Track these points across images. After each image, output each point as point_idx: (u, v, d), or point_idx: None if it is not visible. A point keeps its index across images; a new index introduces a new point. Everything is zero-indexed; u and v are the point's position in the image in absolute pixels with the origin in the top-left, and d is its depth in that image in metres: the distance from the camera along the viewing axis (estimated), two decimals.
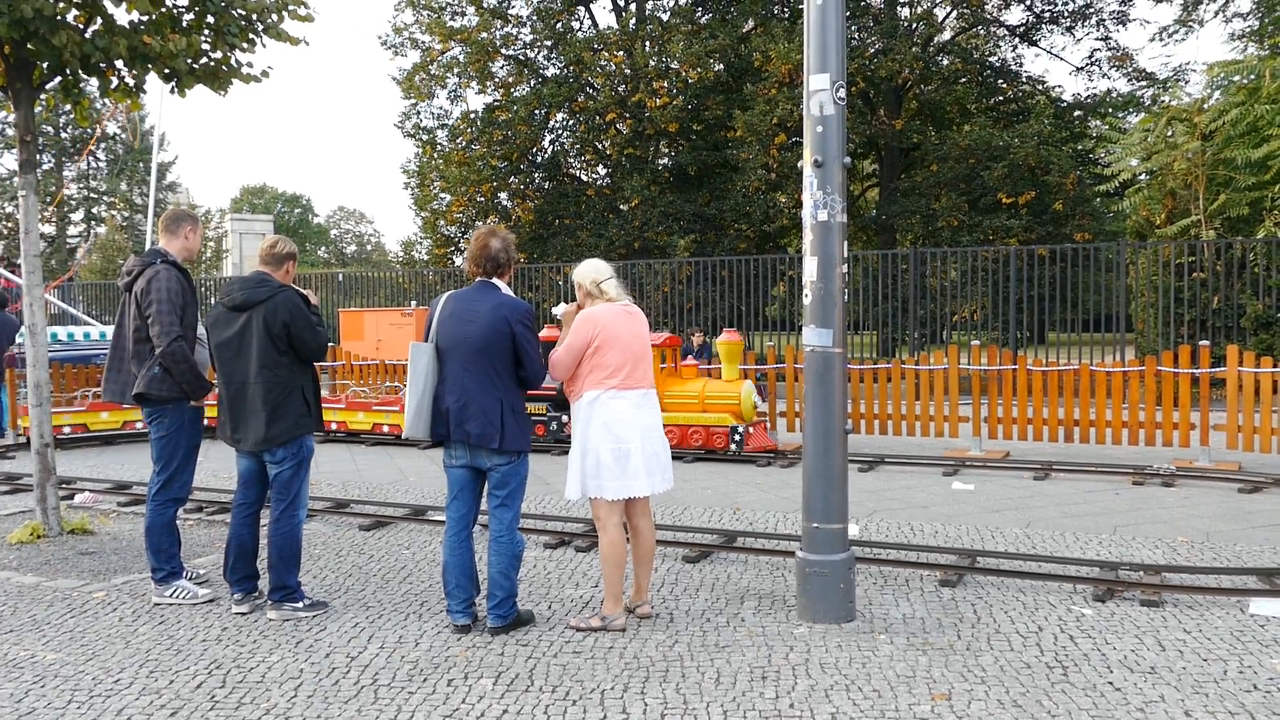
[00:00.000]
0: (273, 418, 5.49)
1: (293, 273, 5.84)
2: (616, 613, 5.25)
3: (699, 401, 11.50)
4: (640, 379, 5.25)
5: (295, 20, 7.96)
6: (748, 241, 28.39)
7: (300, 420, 5.57)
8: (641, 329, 5.34)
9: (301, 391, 5.59)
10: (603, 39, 29.98)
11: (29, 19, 6.73)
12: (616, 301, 5.35)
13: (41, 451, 7.56)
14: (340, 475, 10.64)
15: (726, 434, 11.28)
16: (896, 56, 26.63)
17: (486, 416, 5.07)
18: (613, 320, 5.25)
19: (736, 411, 11.36)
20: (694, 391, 11.57)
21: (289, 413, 5.51)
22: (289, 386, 5.53)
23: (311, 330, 5.58)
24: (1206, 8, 27.46)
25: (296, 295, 5.63)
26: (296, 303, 5.58)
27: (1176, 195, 18.89)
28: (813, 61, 5.31)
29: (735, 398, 11.39)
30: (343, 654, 4.98)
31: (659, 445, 5.31)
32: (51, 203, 45.34)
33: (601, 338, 5.19)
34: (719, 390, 11.54)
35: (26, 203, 7.60)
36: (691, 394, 11.56)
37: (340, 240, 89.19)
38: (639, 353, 5.27)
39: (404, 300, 25.26)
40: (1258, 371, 10.27)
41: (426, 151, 32.79)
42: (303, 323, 5.54)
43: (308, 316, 5.59)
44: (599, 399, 5.18)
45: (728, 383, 11.61)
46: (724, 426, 11.31)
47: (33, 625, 5.52)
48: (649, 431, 5.25)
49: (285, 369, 5.52)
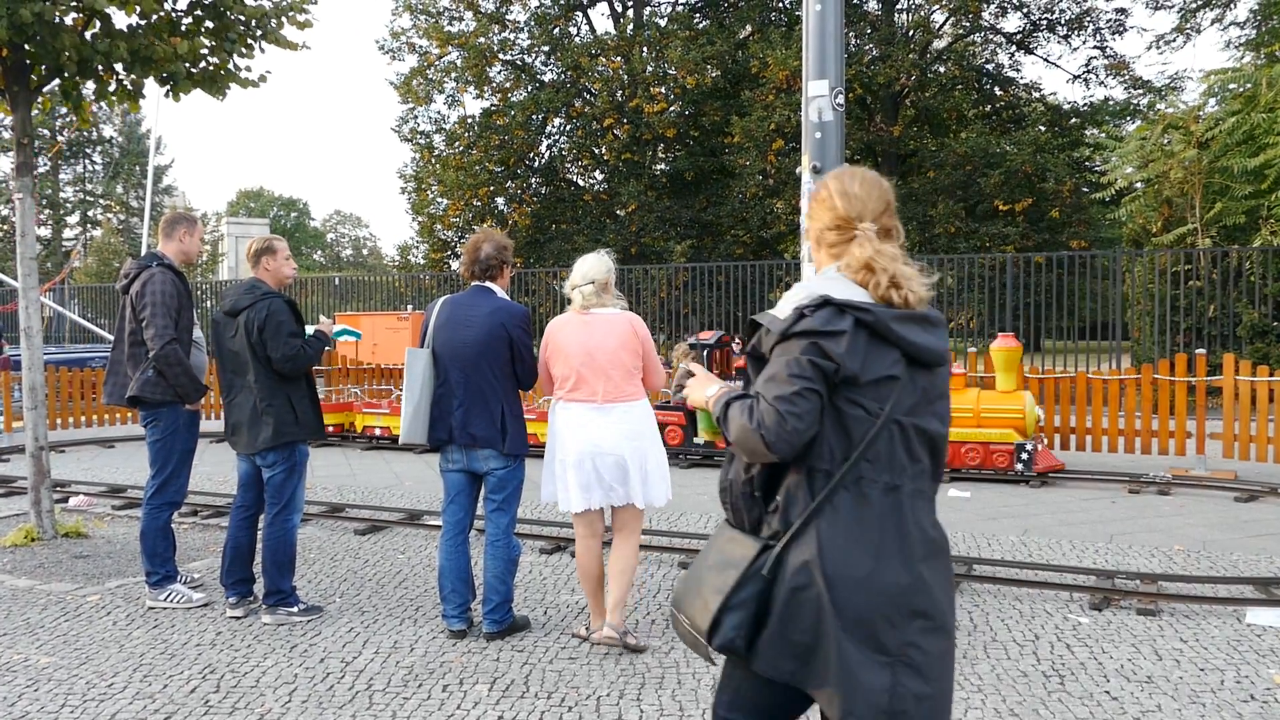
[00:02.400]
0: (259, 423, 5.48)
1: (273, 267, 5.68)
2: (594, 625, 5.18)
3: (973, 415, 10.14)
4: (589, 391, 4.94)
5: (295, 26, 7.95)
6: (744, 247, 28.42)
7: (284, 427, 5.49)
8: (601, 339, 4.96)
9: (289, 398, 5.52)
10: (600, 44, 30.04)
11: (28, 23, 6.72)
12: (585, 308, 5.04)
13: (36, 454, 7.54)
14: (335, 479, 10.62)
15: (1010, 452, 9.95)
16: (894, 63, 26.71)
17: (489, 419, 5.06)
18: (560, 330, 5.05)
19: (1020, 426, 10.06)
20: (966, 404, 10.19)
21: (274, 419, 5.46)
22: (275, 392, 5.48)
23: (280, 341, 5.42)
24: (1203, 16, 27.52)
25: (279, 303, 5.52)
26: (274, 310, 5.46)
27: (1173, 203, 18.92)
28: (811, 68, 5.32)
29: (1018, 411, 10.08)
30: (337, 659, 4.96)
31: (611, 461, 4.92)
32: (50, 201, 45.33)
33: (550, 348, 5.07)
34: (997, 402, 10.20)
35: (22, 205, 7.59)
36: (963, 407, 10.17)
37: (337, 244, 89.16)
38: (587, 363, 4.94)
39: (400, 304, 25.24)
40: (1254, 380, 10.28)
41: (423, 156, 32.82)
42: (272, 332, 5.42)
43: (282, 327, 5.44)
44: (551, 408, 5.13)
45: (1005, 394, 10.29)
46: (1006, 444, 9.98)
47: (26, 629, 5.50)
48: (596, 445, 4.91)
49: (271, 375, 5.48)
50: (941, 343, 2.34)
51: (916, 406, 2.31)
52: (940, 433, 2.33)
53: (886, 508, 2.25)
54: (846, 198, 2.45)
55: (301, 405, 5.58)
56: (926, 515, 2.32)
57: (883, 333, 2.27)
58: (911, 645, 2.22)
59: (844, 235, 2.44)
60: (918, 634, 2.23)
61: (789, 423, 2.20)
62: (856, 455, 2.23)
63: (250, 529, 5.73)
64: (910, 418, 2.29)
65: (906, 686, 2.20)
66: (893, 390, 2.26)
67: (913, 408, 2.30)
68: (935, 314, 2.37)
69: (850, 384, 2.24)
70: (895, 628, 2.21)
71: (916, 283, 2.34)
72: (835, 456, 2.26)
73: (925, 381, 2.33)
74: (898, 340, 2.27)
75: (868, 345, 2.26)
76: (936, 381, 2.36)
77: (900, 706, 2.20)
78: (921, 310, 2.33)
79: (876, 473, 2.26)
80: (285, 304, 5.56)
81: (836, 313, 2.26)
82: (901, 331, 2.27)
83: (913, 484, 2.29)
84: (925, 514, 2.32)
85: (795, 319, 2.28)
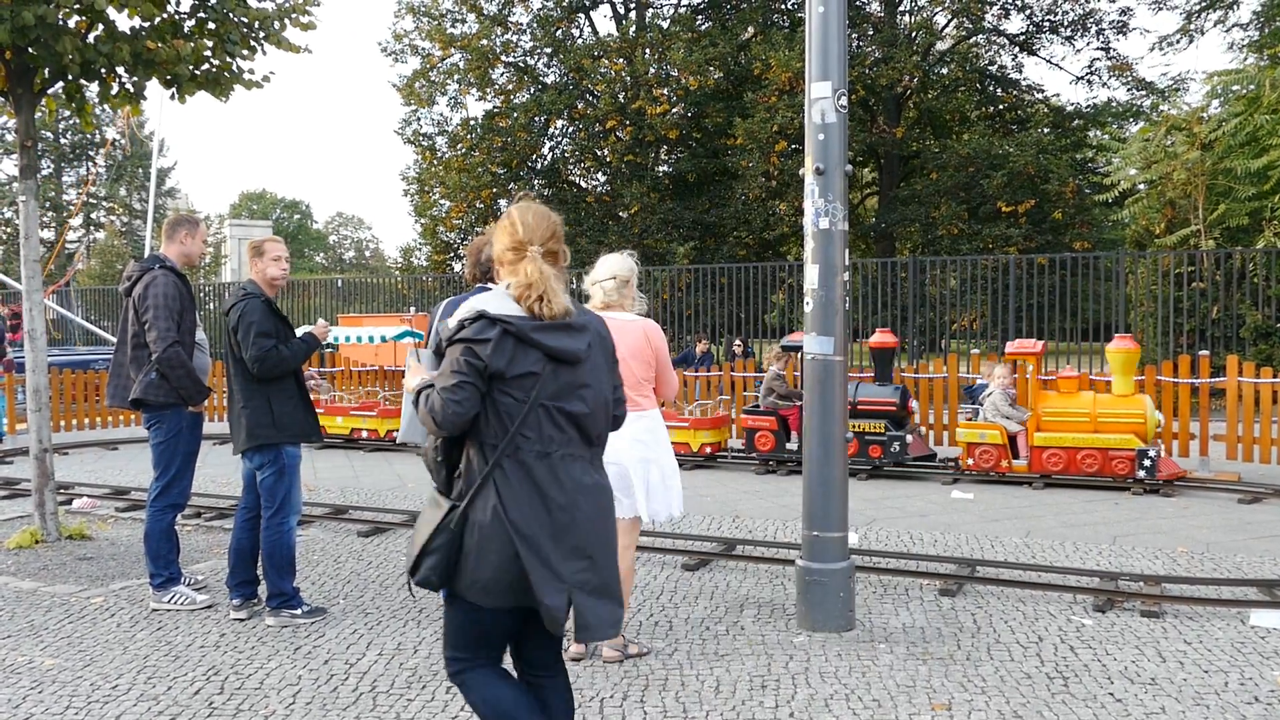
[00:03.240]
0: (238, 424, 5.52)
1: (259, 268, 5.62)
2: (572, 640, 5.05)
3: (1090, 420, 9.80)
4: None
5: (298, 28, 7.95)
6: (747, 249, 28.39)
7: (259, 429, 5.47)
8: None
9: (268, 399, 5.49)
10: (603, 46, 30.02)
11: (31, 26, 6.73)
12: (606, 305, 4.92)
13: (40, 456, 7.55)
14: (339, 481, 10.62)
15: (1132, 459, 9.54)
16: (896, 65, 26.66)
17: None
18: None
19: (1141, 431, 9.68)
20: (1081, 408, 9.89)
21: (248, 420, 5.47)
22: (253, 393, 5.48)
23: (249, 342, 5.38)
24: (1206, 18, 27.47)
25: (253, 304, 5.47)
26: (246, 311, 5.44)
27: (1176, 205, 18.89)
28: (814, 69, 5.31)
29: (1139, 415, 9.71)
30: (341, 661, 4.97)
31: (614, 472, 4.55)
32: (72, 213, 45.44)
33: None
34: (1115, 406, 9.84)
35: (26, 208, 7.60)
36: (1079, 411, 9.88)
37: (339, 246, 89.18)
38: None
39: (403, 306, 25.24)
40: (1257, 381, 10.27)
41: (426, 158, 32.78)
42: (243, 333, 5.41)
43: (252, 328, 5.40)
44: None
45: (1123, 397, 9.92)
46: (1127, 450, 9.57)
47: (30, 631, 5.51)
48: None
49: (246, 375, 5.48)
50: (579, 344, 3.03)
51: (559, 393, 3.00)
52: (582, 411, 3.03)
53: (542, 469, 2.96)
54: (523, 225, 3.12)
55: (283, 408, 5.53)
56: (580, 471, 3.04)
57: (525, 339, 2.95)
58: (579, 570, 2.97)
59: (519, 255, 3.09)
60: (580, 558, 2.98)
61: (450, 408, 2.90)
62: (513, 432, 2.94)
63: (253, 531, 5.73)
64: (554, 401, 2.99)
65: (582, 602, 2.96)
66: (535, 382, 2.96)
67: (556, 394, 2.99)
68: (579, 321, 3.06)
69: (499, 378, 2.94)
70: (565, 559, 2.94)
71: (559, 299, 3.01)
72: (497, 433, 2.95)
73: (568, 375, 3.02)
74: (538, 344, 2.96)
75: (514, 349, 2.95)
76: (579, 374, 3.04)
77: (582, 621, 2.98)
78: (563, 320, 3.01)
79: (530, 444, 2.95)
80: (261, 304, 5.51)
81: (488, 324, 2.95)
82: (539, 338, 2.96)
83: (562, 450, 3.00)
84: (579, 470, 3.03)
85: (458, 329, 2.99)
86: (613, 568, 3.07)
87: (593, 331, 3.11)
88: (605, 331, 3.20)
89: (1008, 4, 31.06)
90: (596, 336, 3.12)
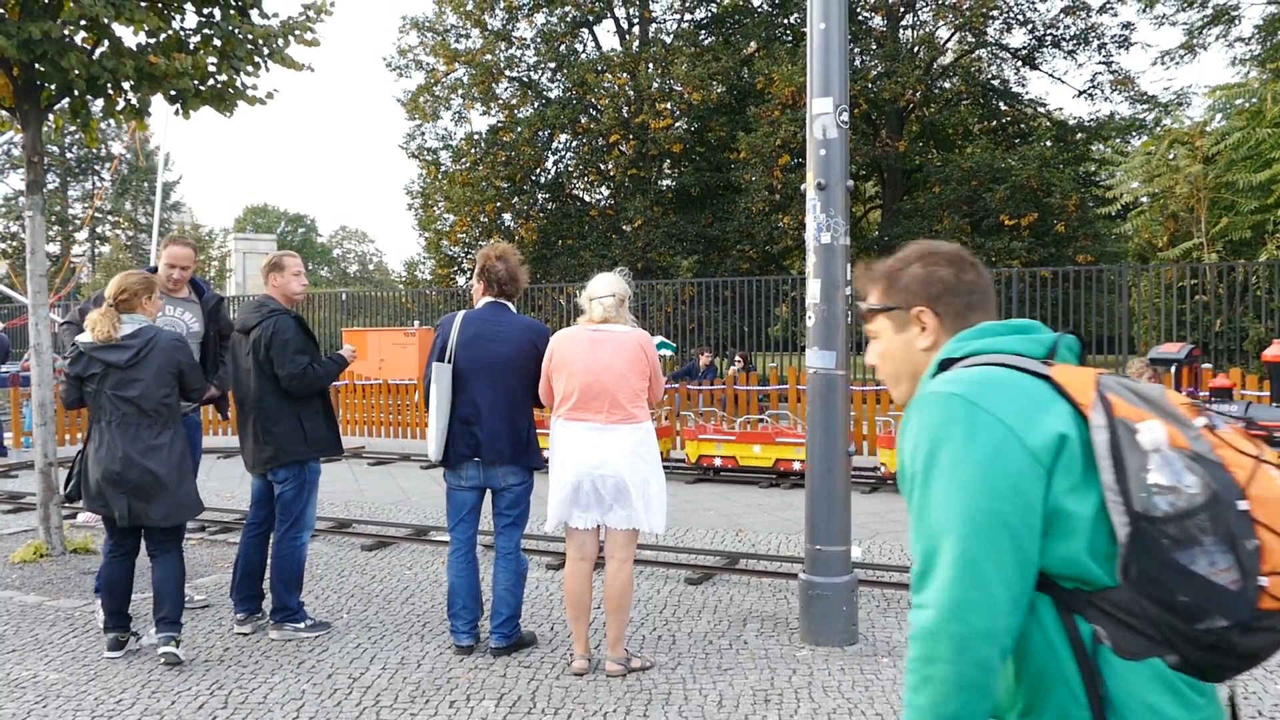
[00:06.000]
0: (264, 441, 5.47)
1: (280, 284, 5.60)
2: (575, 655, 5.00)
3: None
4: (592, 412, 4.82)
5: (302, 44, 8.00)
6: (750, 262, 28.42)
7: (291, 446, 5.45)
8: (609, 359, 4.83)
9: (298, 417, 5.47)
10: (606, 61, 30.13)
11: (37, 41, 6.78)
12: (604, 320, 4.95)
13: (45, 470, 7.57)
14: (343, 495, 10.63)
15: None
16: (899, 79, 26.74)
17: (516, 435, 5.09)
18: (567, 343, 4.94)
19: None
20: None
21: (279, 437, 5.43)
22: (283, 410, 5.44)
23: (286, 359, 5.35)
24: (1209, 32, 27.54)
25: (285, 321, 5.44)
26: (280, 328, 5.39)
27: (1178, 218, 18.92)
28: (816, 85, 5.34)
29: None
30: (345, 675, 4.97)
31: (612, 483, 4.80)
32: (79, 227, 45.62)
33: (555, 360, 4.95)
34: (1276, 417, 9.06)
35: (33, 223, 7.64)
36: None
37: (343, 260, 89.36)
38: (592, 383, 4.81)
39: (407, 320, 25.29)
40: (1260, 395, 10.27)
41: (430, 172, 32.90)
42: (278, 350, 5.36)
43: (288, 345, 5.37)
44: (553, 424, 5.00)
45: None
46: None
47: (35, 645, 5.52)
48: (597, 465, 4.78)
49: (279, 393, 5.43)
50: (119, 357, 5.00)
51: (118, 384, 4.99)
52: (130, 395, 4.99)
53: (106, 432, 5.02)
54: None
55: (313, 423, 5.54)
56: (133, 435, 5.00)
57: (90, 355, 5.02)
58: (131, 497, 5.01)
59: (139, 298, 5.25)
60: (131, 490, 5.00)
61: (64, 399, 5.25)
62: (92, 410, 5.11)
63: (262, 547, 5.73)
64: (114, 390, 4.99)
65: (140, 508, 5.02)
66: (97, 380, 5.02)
67: (115, 385, 4.99)
68: (124, 342, 5.03)
69: (89, 380, 5.05)
70: (122, 492, 5.00)
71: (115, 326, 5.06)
72: (94, 410, 5.10)
73: (119, 374, 4.99)
74: (98, 358, 5.02)
75: (87, 362, 5.05)
76: (128, 374, 4.99)
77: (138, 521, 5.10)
78: (114, 341, 5.01)
79: (98, 417, 5.08)
80: (292, 320, 5.49)
81: (80, 353, 5.08)
82: (97, 354, 5.02)
83: (119, 420, 5.00)
84: (132, 435, 5.00)
85: (75, 355, 5.13)
86: None
87: None
88: None
89: (1010, 18, 31.16)
90: None
